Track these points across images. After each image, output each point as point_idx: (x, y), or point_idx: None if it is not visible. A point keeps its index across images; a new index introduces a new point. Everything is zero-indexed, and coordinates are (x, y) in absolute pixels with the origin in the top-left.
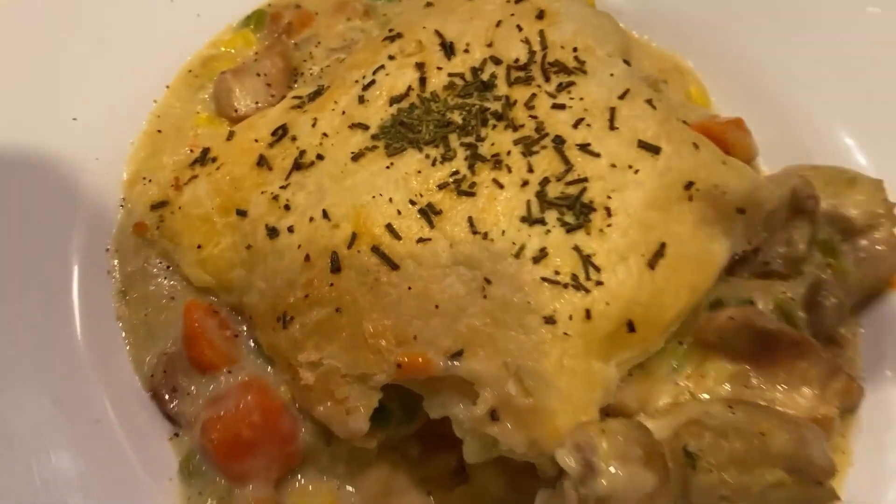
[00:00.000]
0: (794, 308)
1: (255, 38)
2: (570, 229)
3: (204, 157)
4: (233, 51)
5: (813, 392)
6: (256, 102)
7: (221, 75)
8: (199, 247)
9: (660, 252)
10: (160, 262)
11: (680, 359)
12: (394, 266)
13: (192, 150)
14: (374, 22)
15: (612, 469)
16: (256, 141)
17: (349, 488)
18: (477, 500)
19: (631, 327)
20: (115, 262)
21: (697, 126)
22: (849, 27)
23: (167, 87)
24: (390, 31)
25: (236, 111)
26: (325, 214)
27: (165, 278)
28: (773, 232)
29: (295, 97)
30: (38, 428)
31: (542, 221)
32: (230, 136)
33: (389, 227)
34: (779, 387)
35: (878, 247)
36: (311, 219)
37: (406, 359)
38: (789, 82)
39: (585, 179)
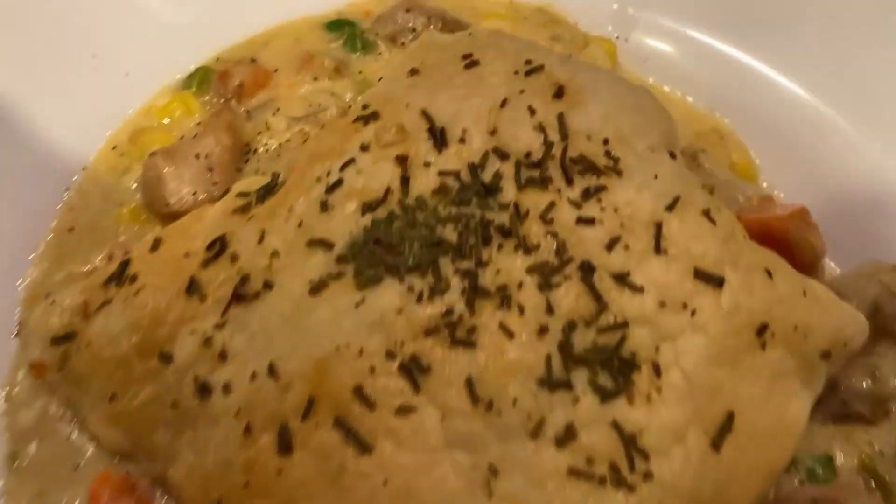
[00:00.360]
0: (881, 465)
1: (197, 104)
2: (605, 397)
3: (122, 274)
4: (169, 120)
5: None
6: (194, 194)
7: (151, 157)
8: (112, 398)
9: (727, 426)
10: (62, 416)
11: None
12: (365, 447)
13: (110, 259)
14: (348, 82)
15: None
16: (187, 256)
17: None
18: None
19: None
20: (3, 413)
21: (756, 221)
22: None
23: (84, 168)
24: (364, 107)
25: (167, 205)
26: (272, 369)
27: (68, 439)
28: (852, 360)
29: (240, 194)
30: None
31: (567, 385)
32: (155, 245)
33: (359, 389)
34: None
35: None
36: (254, 374)
37: None
38: (858, 156)
39: (625, 324)
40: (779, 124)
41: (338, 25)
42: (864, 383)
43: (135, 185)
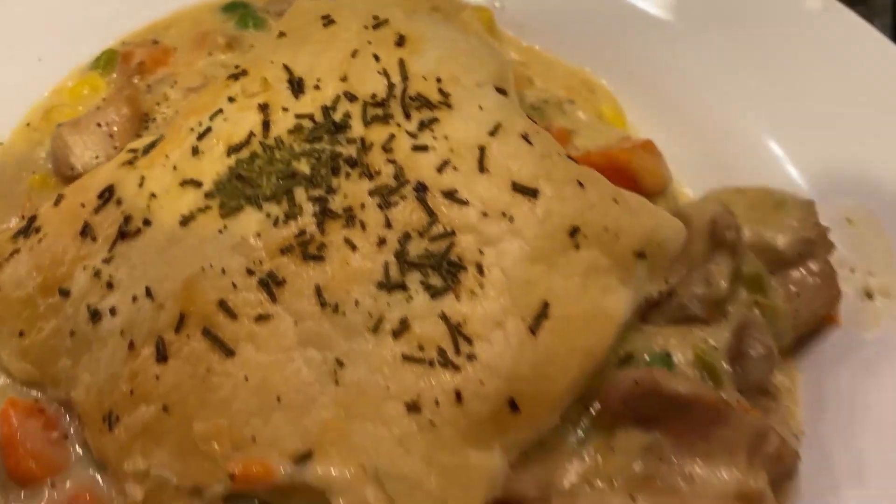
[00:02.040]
0: (716, 359)
1: (103, 83)
2: (435, 294)
3: (29, 228)
4: (78, 99)
5: (738, 463)
6: (97, 157)
7: (58, 128)
8: (21, 334)
9: (543, 313)
10: None
11: (586, 431)
12: (228, 351)
13: (22, 218)
14: (239, 54)
15: None
16: (83, 205)
17: None
18: None
19: (514, 406)
20: None
21: (599, 154)
22: (771, 29)
23: (0, 143)
24: (236, 67)
25: (73, 169)
26: (149, 292)
27: None
28: (693, 269)
29: (130, 150)
30: None
31: (402, 287)
32: (58, 200)
33: (223, 303)
34: (697, 460)
35: (811, 279)
36: (135, 298)
37: (240, 468)
38: (711, 93)
39: (453, 233)
40: (644, 76)
41: (233, 7)
42: (700, 288)
43: (45, 156)
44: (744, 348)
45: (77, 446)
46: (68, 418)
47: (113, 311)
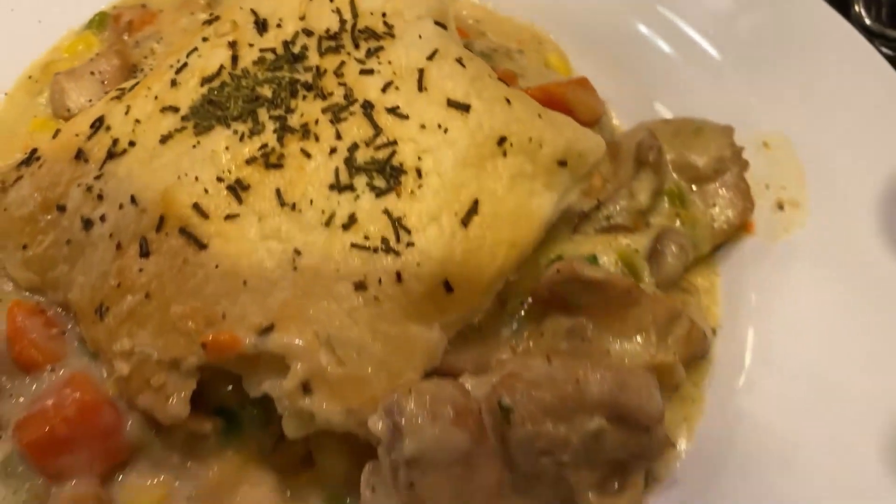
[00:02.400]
0: (636, 259)
1: (96, 41)
2: (379, 193)
3: (30, 158)
4: (73, 55)
5: (648, 339)
6: (90, 100)
7: (55, 76)
8: (24, 247)
9: (473, 210)
10: None
11: (520, 320)
12: (201, 245)
13: (24, 153)
14: (216, 11)
15: (417, 430)
16: (77, 135)
17: (184, 481)
18: (324, 483)
19: (448, 287)
20: None
21: (537, 88)
22: None
23: (6, 94)
24: (210, 14)
25: (69, 110)
26: (133, 200)
27: None
28: (621, 187)
29: (118, 89)
30: None
31: (351, 188)
32: (56, 134)
33: (196, 206)
34: (613, 338)
35: (726, 191)
36: (121, 206)
37: (211, 339)
38: (645, 42)
39: (395, 143)
40: (591, 32)
41: None
42: (624, 201)
43: (45, 103)
44: (661, 249)
45: (75, 342)
46: (66, 318)
47: (103, 219)
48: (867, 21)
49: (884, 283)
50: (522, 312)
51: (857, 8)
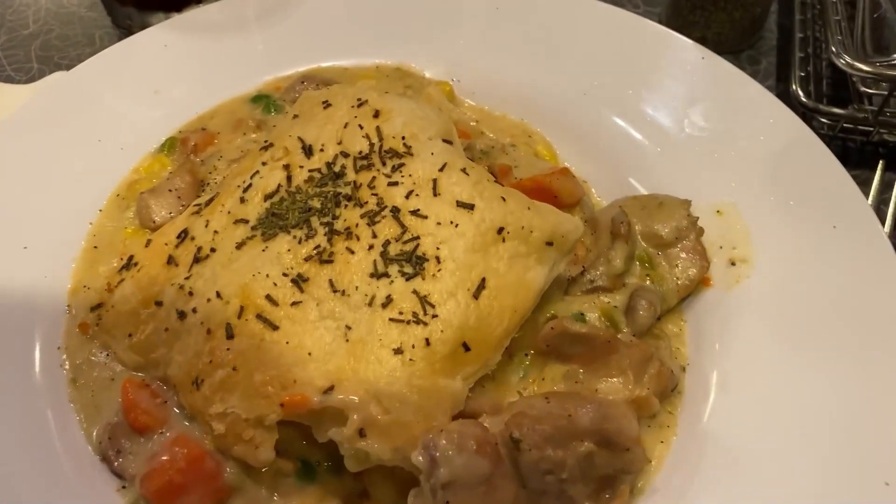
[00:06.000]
0: (615, 314)
1: (168, 161)
2: (409, 278)
3: (129, 264)
4: (151, 174)
5: (627, 378)
6: (170, 213)
7: (141, 195)
8: (129, 336)
9: (482, 285)
10: (101, 353)
11: (525, 369)
12: (274, 327)
13: (122, 259)
14: (265, 132)
15: (449, 460)
16: (166, 244)
17: None
18: None
19: (466, 347)
20: (65, 356)
21: (528, 180)
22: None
23: (100, 210)
24: (265, 142)
25: (154, 222)
26: (219, 294)
27: (106, 364)
28: (599, 255)
29: (195, 205)
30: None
31: (386, 275)
32: (147, 243)
33: (268, 297)
34: (600, 378)
35: (686, 254)
36: (209, 300)
37: (287, 398)
38: (619, 131)
39: (418, 237)
40: (572, 124)
41: (258, 99)
42: (603, 267)
43: (132, 216)
44: (634, 305)
45: (175, 409)
46: (166, 390)
47: (194, 311)
48: (802, 98)
49: (819, 320)
50: (527, 362)
51: (794, 87)
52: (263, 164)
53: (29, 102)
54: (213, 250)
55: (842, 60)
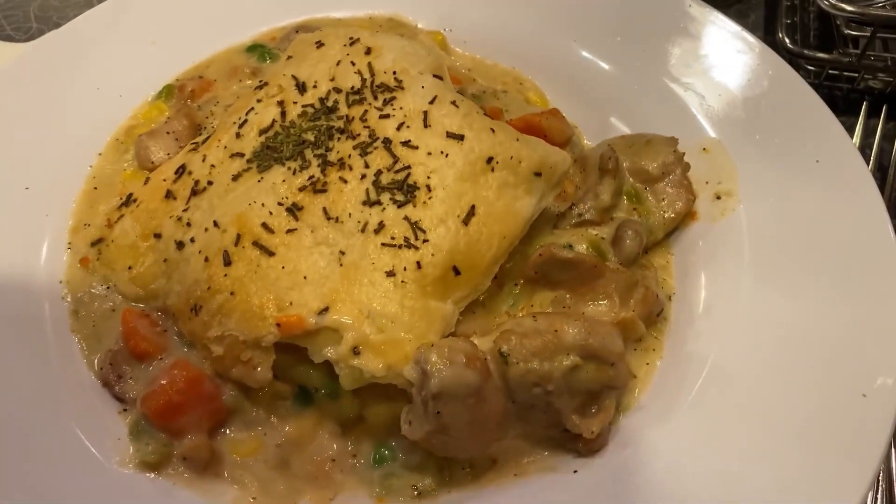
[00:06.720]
0: (602, 244)
1: (166, 107)
2: (400, 205)
3: (128, 201)
4: (149, 120)
5: (612, 302)
6: (168, 154)
7: (139, 137)
8: (129, 268)
9: (471, 213)
10: (102, 286)
11: (515, 297)
12: (270, 253)
13: (120, 198)
14: (261, 78)
15: (439, 372)
16: (164, 180)
17: (271, 434)
18: (373, 431)
19: (456, 271)
20: (67, 290)
21: (518, 119)
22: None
23: (99, 154)
24: (260, 81)
25: (152, 163)
26: (216, 224)
27: (106, 297)
28: (588, 191)
29: (192, 143)
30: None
31: (378, 203)
32: (146, 181)
33: (264, 225)
34: (587, 303)
35: (672, 188)
36: (206, 229)
37: (284, 319)
38: (607, 76)
39: (409, 167)
40: (562, 72)
41: (253, 48)
42: (591, 201)
43: (131, 158)
44: (620, 234)
45: (174, 337)
46: (165, 319)
47: (192, 240)
48: (788, 45)
49: (801, 249)
50: (516, 291)
51: (780, 34)
52: (258, 101)
53: (29, 52)
54: (210, 183)
55: (826, 2)
